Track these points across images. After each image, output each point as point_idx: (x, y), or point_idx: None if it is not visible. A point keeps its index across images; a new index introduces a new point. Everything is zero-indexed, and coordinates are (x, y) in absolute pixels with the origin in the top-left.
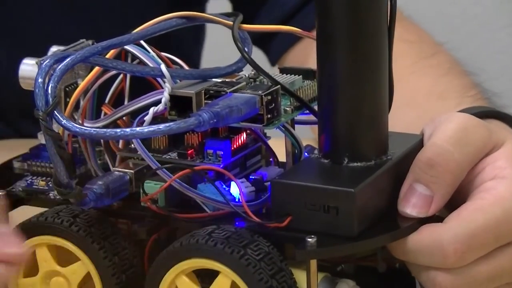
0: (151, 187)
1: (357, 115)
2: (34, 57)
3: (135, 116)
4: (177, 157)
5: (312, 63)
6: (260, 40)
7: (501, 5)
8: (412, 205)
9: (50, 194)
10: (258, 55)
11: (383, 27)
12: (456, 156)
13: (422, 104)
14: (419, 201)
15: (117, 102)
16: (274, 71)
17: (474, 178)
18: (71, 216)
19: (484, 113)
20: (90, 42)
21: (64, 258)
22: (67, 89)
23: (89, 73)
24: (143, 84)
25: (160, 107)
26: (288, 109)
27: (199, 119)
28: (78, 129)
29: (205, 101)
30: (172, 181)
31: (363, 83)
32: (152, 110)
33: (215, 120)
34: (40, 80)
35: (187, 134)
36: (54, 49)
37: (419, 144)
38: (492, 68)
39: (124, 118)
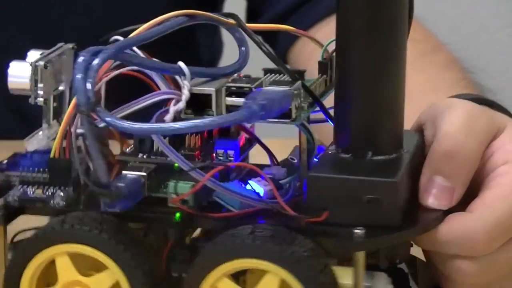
0: (183, 187)
1: (381, 109)
2: (19, 60)
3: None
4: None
5: (315, 58)
6: (265, 37)
7: (500, 6)
8: (434, 197)
9: (50, 202)
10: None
11: (404, 19)
12: (471, 144)
13: (417, 98)
14: (441, 193)
15: None
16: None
17: (485, 164)
18: (98, 223)
19: (475, 100)
20: (70, 45)
21: (82, 268)
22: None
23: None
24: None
25: (181, 105)
26: (304, 105)
27: (250, 111)
28: (126, 125)
29: (227, 98)
30: (205, 180)
31: (387, 77)
32: (172, 109)
33: (263, 113)
34: (79, 76)
35: (188, 135)
36: (34, 53)
37: (421, 137)
38: (491, 68)
39: None
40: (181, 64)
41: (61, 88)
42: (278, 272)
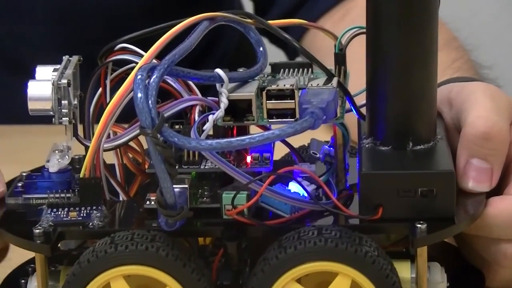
0: (242, 198)
1: (418, 98)
2: (37, 79)
3: None
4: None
5: (326, 48)
6: None
7: None
8: (474, 180)
9: (89, 224)
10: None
11: (436, 4)
12: (504, 124)
13: None
14: (480, 175)
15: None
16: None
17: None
18: (150, 241)
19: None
20: (76, 57)
21: None
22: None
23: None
24: None
25: (220, 113)
26: (339, 100)
27: (314, 117)
28: (194, 144)
29: (267, 101)
30: (264, 190)
31: (422, 64)
32: (211, 118)
33: (325, 117)
34: (140, 95)
35: None
36: (44, 69)
37: (442, 120)
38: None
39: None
40: (219, 71)
41: (75, 103)
42: (350, 273)
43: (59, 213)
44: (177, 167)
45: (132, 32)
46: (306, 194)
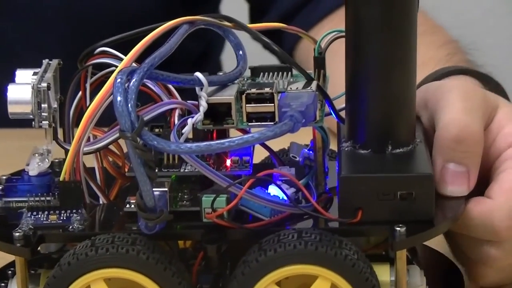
0: (220, 202)
1: (397, 102)
2: (17, 83)
3: None
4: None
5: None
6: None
7: None
8: (452, 184)
9: (69, 228)
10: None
11: (415, 8)
12: (476, 126)
13: None
14: (457, 179)
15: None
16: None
17: (489, 148)
18: (130, 244)
19: (451, 72)
20: (56, 61)
21: None
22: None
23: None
24: None
25: (199, 116)
26: (318, 104)
27: (293, 120)
28: (174, 148)
29: (247, 105)
30: (243, 193)
31: (402, 68)
32: (190, 121)
33: (304, 120)
34: (119, 98)
35: None
36: (23, 72)
37: (420, 123)
38: (497, 54)
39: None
40: (198, 75)
41: (55, 106)
42: (330, 276)
43: (39, 216)
44: (157, 170)
45: None
46: (285, 197)
